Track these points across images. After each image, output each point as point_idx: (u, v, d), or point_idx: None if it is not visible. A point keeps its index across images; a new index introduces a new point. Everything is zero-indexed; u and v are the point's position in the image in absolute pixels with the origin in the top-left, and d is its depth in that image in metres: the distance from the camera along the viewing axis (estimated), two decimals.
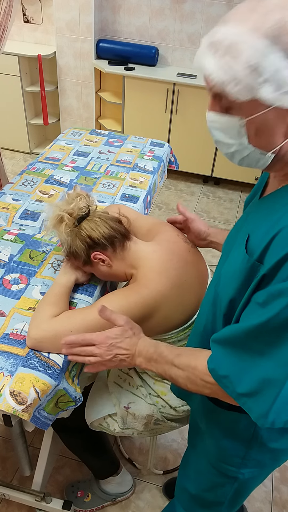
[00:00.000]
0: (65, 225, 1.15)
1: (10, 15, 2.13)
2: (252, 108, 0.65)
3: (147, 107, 3.46)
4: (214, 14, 3.33)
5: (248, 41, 0.61)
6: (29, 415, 0.98)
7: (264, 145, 0.69)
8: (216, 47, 0.64)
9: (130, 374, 1.34)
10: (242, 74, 0.62)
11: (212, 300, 0.89)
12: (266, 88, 0.62)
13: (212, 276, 1.33)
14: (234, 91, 0.64)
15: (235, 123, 0.68)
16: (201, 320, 0.95)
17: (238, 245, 0.79)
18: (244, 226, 0.83)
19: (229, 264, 0.82)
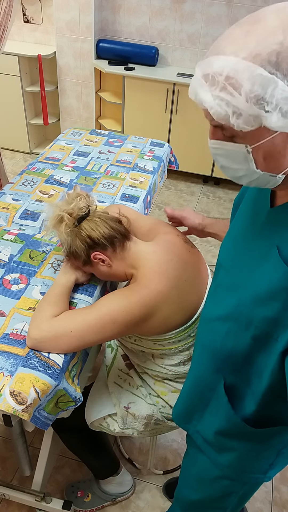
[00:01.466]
0: (65, 225, 1.15)
1: (10, 15, 2.13)
2: (258, 135, 0.63)
3: (147, 107, 3.46)
4: (214, 14, 3.33)
5: (247, 72, 0.58)
6: (29, 415, 0.98)
7: (273, 168, 0.67)
8: (213, 79, 0.61)
9: (130, 374, 1.34)
10: (244, 106, 0.59)
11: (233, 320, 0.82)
12: (271, 117, 0.59)
13: (211, 275, 1.33)
14: (237, 123, 0.62)
15: (241, 150, 0.66)
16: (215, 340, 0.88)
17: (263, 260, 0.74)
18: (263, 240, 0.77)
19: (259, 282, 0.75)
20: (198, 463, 1.06)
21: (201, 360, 0.97)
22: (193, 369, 1.01)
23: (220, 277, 0.91)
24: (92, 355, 1.38)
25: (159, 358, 1.26)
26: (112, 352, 1.40)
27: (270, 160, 0.66)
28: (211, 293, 0.94)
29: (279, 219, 0.75)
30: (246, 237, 0.83)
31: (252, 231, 0.82)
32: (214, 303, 0.91)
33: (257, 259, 0.76)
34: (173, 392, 1.29)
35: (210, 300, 0.94)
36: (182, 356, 1.24)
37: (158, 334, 1.18)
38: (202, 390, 0.97)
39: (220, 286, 0.90)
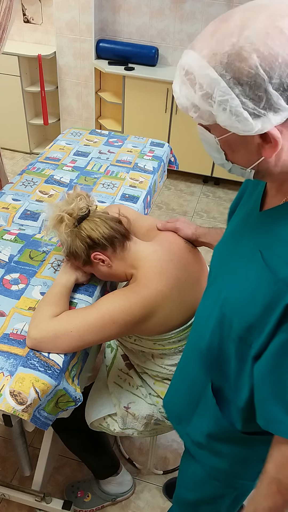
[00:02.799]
0: (65, 225, 1.15)
1: (10, 15, 2.13)
2: (220, 130, 0.65)
3: (147, 107, 3.46)
4: (214, 14, 3.32)
5: (202, 69, 0.60)
6: (29, 415, 0.98)
7: (241, 162, 0.69)
8: (180, 72, 0.65)
9: (130, 374, 1.34)
10: (199, 101, 0.62)
11: (217, 321, 0.82)
12: (220, 116, 0.61)
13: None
14: (195, 116, 0.65)
15: (212, 140, 0.69)
16: (202, 339, 0.88)
17: (248, 263, 0.74)
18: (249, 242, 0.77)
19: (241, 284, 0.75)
20: (191, 464, 1.06)
21: (190, 360, 0.97)
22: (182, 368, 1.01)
23: (210, 279, 0.92)
24: (92, 355, 1.38)
25: (159, 358, 1.26)
26: (112, 352, 1.40)
27: (237, 154, 0.68)
28: (204, 294, 0.95)
29: (264, 223, 0.76)
30: (235, 238, 0.84)
31: (240, 233, 0.83)
32: (203, 304, 0.92)
33: (243, 261, 0.77)
34: None
35: (202, 302, 0.94)
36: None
37: (158, 334, 1.18)
38: (190, 392, 0.97)
39: (210, 287, 0.91)
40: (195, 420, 0.98)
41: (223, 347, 0.82)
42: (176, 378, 1.07)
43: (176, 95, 0.66)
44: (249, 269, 0.74)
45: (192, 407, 0.98)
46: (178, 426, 1.06)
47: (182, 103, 0.66)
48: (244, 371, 0.78)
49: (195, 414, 0.98)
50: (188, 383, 0.98)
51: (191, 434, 1.01)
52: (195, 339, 0.93)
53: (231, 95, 0.59)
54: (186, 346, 1.01)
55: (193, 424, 0.99)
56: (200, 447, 0.99)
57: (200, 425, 0.96)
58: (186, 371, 0.99)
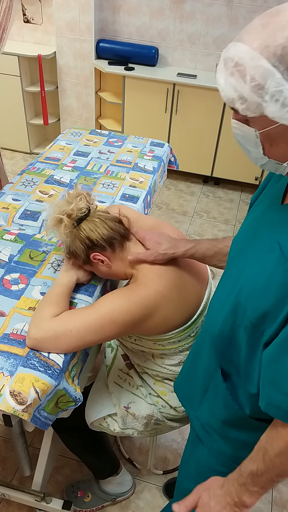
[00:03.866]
0: (64, 226, 1.15)
1: (10, 15, 2.13)
2: (264, 122, 0.66)
3: (147, 107, 3.46)
4: (214, 14, 3.32)
5: (254, 60, 0.62)
6: (29, 415, 0.98)
7: (278, 156, 0.70)
8: (227, 64, 0.66)
9: (130, 374, 1.34)
10: (248, 93, 0.64)
11: (231, 308, 0.85)
12: (271, 107, 0.63)
13: (212, 275, 1.33)
14: (242, 108, 0.66)
15: (251, 133, 0.70)
16: (214, 326, 0.91)
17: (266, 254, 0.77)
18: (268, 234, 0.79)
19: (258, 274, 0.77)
20: (197, 453, 1.07)
21: (202, 345, 1.00)
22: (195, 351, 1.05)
23: (227, 267, 0.94)
24: (92, 355, 1.38)
25: (159, 358, 1.26)
26: (112, 352, 1.40)
27: (276, 148, 0.69)
28: (219, 282, 0.97)
29: (284, 216, 0.77)
30: (254, 230, 0.86)
31: (260, 225, 0.84)
32: (218, 292, 0.94)
33: (261, 252, 0.78)
34: (173, 392, 1.29)
35: (217, 289, 0.96)
36: (182, 356, 1.24)
37: (158, 334, 1.18)
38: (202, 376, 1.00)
39: (225, 276, 0.93)
40: (204, 404, 1.01)
41: (235, 334, 0.85)
42: (188, 361, 1.11)
43: (221, 87, 0.67)
44: (266, 259, 0.76)
45: (202, 390, 1.01)
46: (188, 409, 1.09)
47: (229, 95, 0.66)
48: (255, 358, 0.81)
49: (205, 398, 1.00)
50: (199, 367, 1.01)
51: (200, 417, 1.03)
52: (206, 324, 0.98)
53: (286, 86, 0.61)
54: (201, 331, 1.04)
55: (203, 407, 1.02)
56: (209, 431, 1.01)
57: (210, 408, 0.99)
58: (199, 356, 1.02)
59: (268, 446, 0.78)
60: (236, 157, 3.50)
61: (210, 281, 1.29)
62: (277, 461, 0.76)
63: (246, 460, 0.82)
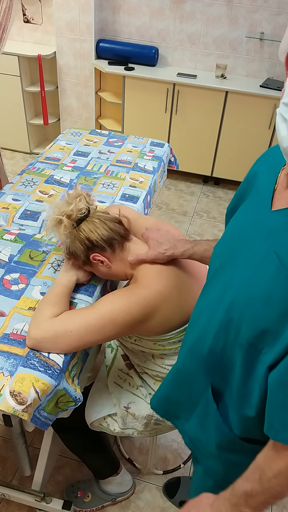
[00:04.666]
0: (64, 226, 1.15)
1: (10, 15, 2.13)
2: None
3: (147, 107, 3.46)
4: (214, 14, 3.33)
5: None
6: (29, 415, 0.98)
7: None
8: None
9: (130, 374, 1.34)
10: None
11: (222, 325, 0.79)
12: None
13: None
14: None
15: None
16: (203, 343, 0.85)
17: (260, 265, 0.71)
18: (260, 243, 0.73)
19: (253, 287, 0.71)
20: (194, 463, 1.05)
21: (188, 362, 0.93)
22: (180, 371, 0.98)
23: (210, 277, 0.88)
24: (92, 355, 1.38)
25: (159, 358, 1.26)
26: (112, 352, 1.40)
27: None
28: (201, 295, 0.91)
29: (279, 223, 0.72)
30: (242, 239, 0.80)
31: (250, 232, 0.79)
32: (202, 304, 0.88)
33: (253, 263, 0.73)
34: None
35: (200, 302, 0.91)
36: None
37: (158, 334, 1.18)
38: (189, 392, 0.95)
39: (209, 287, 0.87)
40: (194, 419, 0.97)
41: (227, 352, 0.79)
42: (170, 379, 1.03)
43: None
44: (262, 271, 0.70)
45: (191, 405, 0.96)
46: (176, 422, 1.05)
47: None
48: (252, 378, 0.75)
49: (194, 413, 0.96)
50: (186, 383, 0.96)
51: (189, 431, 1.00)
52: (193, 340, 0.90)
53: None
54: (183, 347, 0.98)
55: (191, 422, 0.98)
56: (199, 446, 0.98)
57: (201, 425, 0.95)
58: (183, 372, 0.96)
59: (265, 467, 0.73)
60: (236, 157, 3.50)
61: None
62: (274, 482, 0.72)
63: (240, 480, 0.78)
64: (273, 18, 3.23)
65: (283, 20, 3.23)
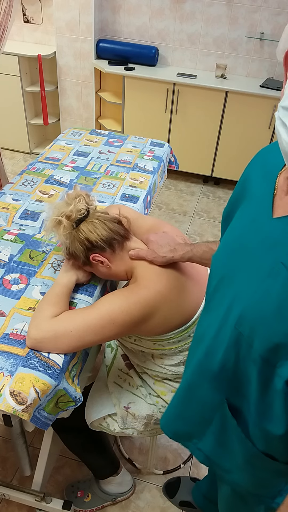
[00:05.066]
0: (63, 227, 1.15)
1: (10, 15, 2.13)
2: None
3: (147, 107, 3.46)
4: (214, 14, 3.32)
5: None
6: (29, 415, 0.98)
7: None
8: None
9: (130, 374, 1.34)
10: None
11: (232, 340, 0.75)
12: None
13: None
14: None
15: None
16: (213, 358, 0.81)
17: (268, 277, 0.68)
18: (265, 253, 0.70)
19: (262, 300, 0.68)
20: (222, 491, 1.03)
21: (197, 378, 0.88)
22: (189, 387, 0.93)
23: (213, 289, 0.83)
24: (92, 355, 1.38)
25: (159, 358, 1.26)
26: (112, 352, 1.41)
27: None
28: (204, 308, 0.88)
29: (283, 232, 0.69)
30: (245, 248, 0.76)
31: (252, 241, 0.74)
32: (207, 318, 0.85)
33: (259, 275, 0.70)
34: (173, 392, 1.29)
35: (204, 316, 0.87)
36: (182, 356, 1.24)
37: (158, 335, 1.18)
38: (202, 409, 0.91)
39: (213, 301, 0.84)
40: (209, 436, 0.92)
41: (240, 368, 0.76)
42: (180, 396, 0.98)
43: None
44: (270, 283, 0.67)
45: (204, 424, 0.92)
46: (187, 443, 1.00)
47: None
48: (270, 392, 0.72)
49: (208, 430, 0.91)
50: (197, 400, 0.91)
51: (204, 449, 0.95)
52: (201, 356, 0.85)
53: None
54: (190, 363, 0.92)
55: (206, 440, 0.93)
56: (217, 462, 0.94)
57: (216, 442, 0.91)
58: (193, 389, 0.90)
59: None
60: (236, 157, 3.50)
61: None
62: None
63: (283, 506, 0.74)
64: (273, 18, 3.23)
65: (283, 20, 3.23)
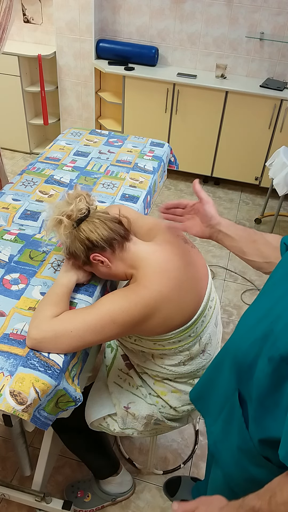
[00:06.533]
0: (64, 226, 1.15)
1: (10, 15, 2.13)
2: None
3: (147, 107, 3.46)
4: (214, 14, 3.33)
5: None
6: (29, 415, 0.98)
7: None
8: None
9: (130, 374, 1.34)
10: None
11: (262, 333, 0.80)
12: None
13: (212, 275, 1.32)
14: None
15: None
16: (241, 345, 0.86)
17: None
18: None
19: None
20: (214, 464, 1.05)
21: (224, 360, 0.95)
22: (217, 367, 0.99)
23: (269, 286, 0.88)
24: (92, 355, 1.38)
25: (159, 358, 1.26)
26: (112, 352, 1.41)
27: None
28: (258, 297, 0.92)
29: None
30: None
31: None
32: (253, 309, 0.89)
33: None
34: (173, 392, 1.29)
35: (254, 303, 0.91)
36: (182, 356, 1.24)
37: (158, 334, 1.18)
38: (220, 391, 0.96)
39: (264, 295, 0.88)
40: (219, 422, 0.97)
41: (257, 362, 0.80)
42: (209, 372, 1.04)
43: None
44: None
45: (219, 408, 0.97)
46: (206, 419, 1.05)
47: None
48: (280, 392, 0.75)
49: (220, 417, 0.96)
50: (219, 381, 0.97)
51: (214, 433, 1.00)
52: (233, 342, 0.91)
53: None
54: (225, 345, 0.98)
55: (217, 425, 0.98)
56: (221, 450, 0.97)
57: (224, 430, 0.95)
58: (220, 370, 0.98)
59: (277, 491, 0.73)
60: (236, 157, 3.50)
61: (210, 281, 1.29)
62: (282, 508, 0.72)
63: (252, 495, 0.78)
64: (273, 18, 3.23)
65: (283, 20, 3.23)
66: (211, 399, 1.02)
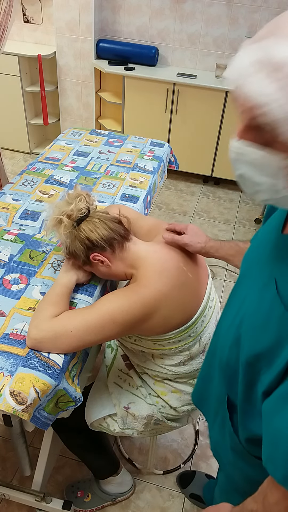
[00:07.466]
0: (64, 226, 1.15)
1: (10, 15, 2.13)
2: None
3: (147, 107, 3.46)
4: (214, 14, 3.32)
5: None
6: (29, 415, 0.98)
7: None
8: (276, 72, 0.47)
9: (130, 375, 1.34)
10: None
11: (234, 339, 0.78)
12: None
13: (212, 275, 1.32)
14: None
15: (274, 162, 0.54)
16: (223, 351, 0.85)
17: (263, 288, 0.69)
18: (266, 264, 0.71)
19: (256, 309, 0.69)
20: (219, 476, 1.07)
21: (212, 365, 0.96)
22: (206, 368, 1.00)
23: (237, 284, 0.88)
24: (92, 355, 1.38)
25: (159, 358, 1.26)
26: (112, 352, 1.40)
27: None
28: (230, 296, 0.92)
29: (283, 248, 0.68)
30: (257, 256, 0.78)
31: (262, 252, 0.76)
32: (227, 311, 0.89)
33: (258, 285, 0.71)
34: (173, 392, 1.29)
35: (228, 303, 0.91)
36: (182, 356, 1.24)
37: (158, 334, 1.18)
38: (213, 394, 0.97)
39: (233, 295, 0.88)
40: (215, 426, 0.98)
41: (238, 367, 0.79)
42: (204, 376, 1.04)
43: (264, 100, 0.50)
44: (264, 295, 0.69)
45: (214, 411, 0.97)
46: (207, 421, 1.06)
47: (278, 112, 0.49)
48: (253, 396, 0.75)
49: (216, 420, 0.97)
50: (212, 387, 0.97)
51: (212, 437, 1.00)
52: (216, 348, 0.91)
53: None
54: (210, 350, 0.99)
55: (214, 429, 0.99)
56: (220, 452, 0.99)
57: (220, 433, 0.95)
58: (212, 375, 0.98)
59: (268, 492, 0.73)
60: None
61: (210, 280, 1.29)
62: (275, 508, 0.72)
63: (250, 498, 0.78)
64: (273, 18, 3.22)
65: None
66: (208, 404, 1.02)
